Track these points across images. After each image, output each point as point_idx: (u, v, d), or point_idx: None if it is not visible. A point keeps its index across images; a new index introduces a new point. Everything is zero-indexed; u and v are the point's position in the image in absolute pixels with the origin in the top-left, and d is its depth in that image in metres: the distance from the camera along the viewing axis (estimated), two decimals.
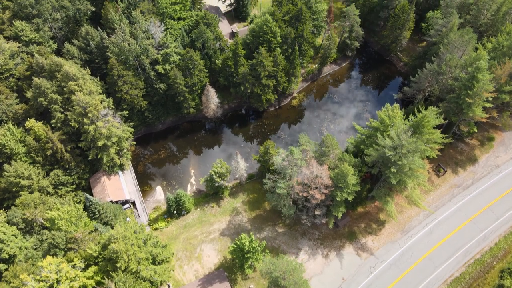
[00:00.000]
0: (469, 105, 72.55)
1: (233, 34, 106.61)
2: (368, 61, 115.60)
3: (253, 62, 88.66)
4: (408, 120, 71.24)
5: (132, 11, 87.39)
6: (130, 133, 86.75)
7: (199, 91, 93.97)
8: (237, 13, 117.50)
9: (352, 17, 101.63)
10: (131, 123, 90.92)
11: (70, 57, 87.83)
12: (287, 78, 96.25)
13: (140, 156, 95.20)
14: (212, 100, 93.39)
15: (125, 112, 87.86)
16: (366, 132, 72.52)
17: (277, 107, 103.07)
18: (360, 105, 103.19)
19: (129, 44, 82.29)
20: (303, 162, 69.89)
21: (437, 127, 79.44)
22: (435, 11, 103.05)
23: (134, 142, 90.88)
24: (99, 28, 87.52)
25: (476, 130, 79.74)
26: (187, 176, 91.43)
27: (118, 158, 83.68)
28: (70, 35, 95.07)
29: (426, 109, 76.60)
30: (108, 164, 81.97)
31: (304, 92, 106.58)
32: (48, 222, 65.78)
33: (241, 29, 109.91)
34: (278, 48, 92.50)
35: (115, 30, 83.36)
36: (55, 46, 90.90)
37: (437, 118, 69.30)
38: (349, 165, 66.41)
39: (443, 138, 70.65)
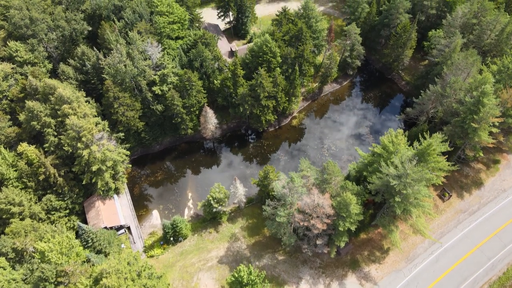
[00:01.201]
0: (474, 129, 70.41)
1: (232, 53, 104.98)
2: (369, 79, 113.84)
3: (253, 83, 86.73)
4: (412, 147, 69.02)
5: (129, 32, 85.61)
6: (126, 155, 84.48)
7: (197, 112, 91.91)
8: (236, 31, 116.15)
9: (353, 35, 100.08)
10: (127, 145, 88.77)
11: (65, 77, 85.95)
12: (287, 98, 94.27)
13: (136, 178, 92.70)
14: (210, 121, 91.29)
15: (121, 134, 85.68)
16: (369, 158, 70.17)
17: (277, 127, 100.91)
18: (362, 125, 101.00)
19: (125, 66, 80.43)
20: (304, 190, 67.45)
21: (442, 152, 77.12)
22: (437, 30, 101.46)
23: (130, 165, 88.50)
24: (95, 49, 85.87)
25: (482, 155, 77.39)
26: (185, 200, 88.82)
27: (113, 182, 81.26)
28: (66, 55, 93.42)
29: (430, 135, 74.47)
30: (102, 189, 79.47)
31: (304, 111, 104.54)
32: (38, 254, 63.02)
33: (240, 47, 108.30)
34: (278, 68, 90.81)
35: (111, 51, 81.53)
36: (50, 66, 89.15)
37: (443, 145, 66.83)
38: (351, 194, 63.94)
39: (449, 165, 68.22)
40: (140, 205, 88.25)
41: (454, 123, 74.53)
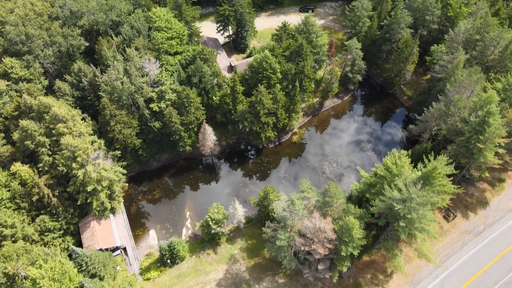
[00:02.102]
0: (480, 150, 68.61)
1: (231, 68, 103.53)
2: (370, 94, 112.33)
3: (252, 99, 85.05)
4: (416, 168, 67.17)
5: (127, 48, 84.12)
6: (123, 174, 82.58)
7: (195, 129, 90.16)
8: (236, 45, 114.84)
9: (354, 51, 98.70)
10: (124, 163, 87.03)
11: (61, 94, 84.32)
12: (288, 114, 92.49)
13: (133, 197, 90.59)
14: (209, 138, 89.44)
15: (118, 152, 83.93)
16: (372, 180, 68.18)
17: (277, 143, 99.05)
18: (364, 141, 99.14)
19: (122, 83, 78.79)
20: (305, 212, 65.40)
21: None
22: (439, 45, 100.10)
23: (126, 184, 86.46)
24: (91, 65, 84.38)
25: (487, 175, 75.38)
26: (183, 219, 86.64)
27: (109, 202, 79.21)
28: (63, 70, 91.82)
29: (434, 154, 72.78)
30: (98, 209, 77.36)
31: (305, 127, 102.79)
32: (29, 281, 60.74)
33: (239, 61, 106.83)
34: (278, 85, 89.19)
35: (108, 68, 79.94)
36: (46, 82, 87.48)
37: (448, 167, 64.85)
38: (354, 217, 61.87)
39: (455, 188, 66.23)
40: (137, 225, 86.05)
41: (458, 143, 72.72)
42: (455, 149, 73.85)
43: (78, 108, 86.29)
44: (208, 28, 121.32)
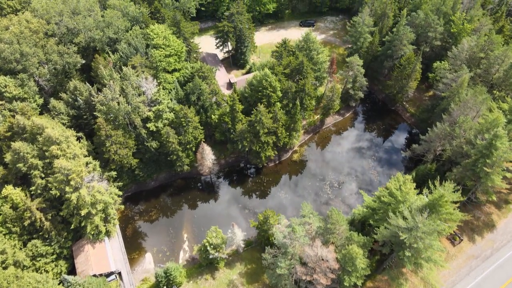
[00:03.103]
0: (487, 173, 66.33)
1: (230, 84, 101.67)
2: (372, 110, 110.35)
3: (252, 119, 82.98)
4: (422, 193, 64.88)
5: (123, 66, 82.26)
6: (118, 196, 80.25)
7: (193, 149, 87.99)
8: (235, 60, 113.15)
9: (355, 67, 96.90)
10: (119, 183, 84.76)
11: (56, 113, 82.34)
12: (288, 133, 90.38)
13: (130, 217, 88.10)
14: (208, 158, 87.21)
15: (113, 173, 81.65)
16: (376, 205, 65.76)
17: (277, 162, 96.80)
18: (366, 160, 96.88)
19: (118, 103, 76.82)
20: (306, 239, 62.94)
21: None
22: (442, 62, 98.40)
23: (122, 206, 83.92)
24: (87, 84, 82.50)
25: (494, 199, 72.99)
26: (180, 242, 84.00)
27: (104, 225, 76.64)
28: (58, 87, 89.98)
29: (439, 176, 70.57)
30: (92, 232, 74.85)
31: (305, 145, 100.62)
32: None
33: (239, 78, 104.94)
34: (278, 103, 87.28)
35: (104, 88, 78.04)
36: (41, 101, 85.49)
37: (455, 193, 62.49)
38: (357, 246, 59.39)
39: (463, 215, 63.80)
40: (133, 247, 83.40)
41: (464, 166, 70.45)
42: (461, 171, 71.58)
43: (73, 126, 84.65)
44: (207, 43, 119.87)
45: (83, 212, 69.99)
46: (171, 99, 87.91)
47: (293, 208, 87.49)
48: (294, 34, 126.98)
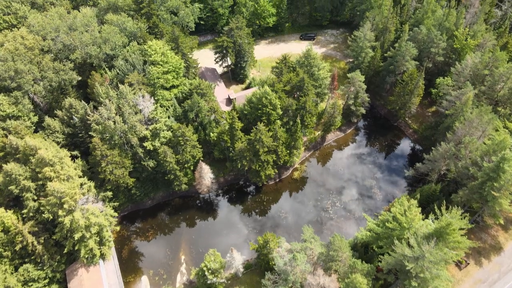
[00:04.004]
0: (494, 197, 64.10)
1: (230, 100, 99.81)
2: (374, 126, 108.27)
3: (251, 137, 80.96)
4: (428, 218, 62.64)
5: (120, 84, 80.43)
6: (114, 217, 78.00)
7: (191, 167, 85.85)
8: (235, 75, 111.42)
9: (357, 83, 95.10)
10: (115, 203, 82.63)
11: (51, 132, 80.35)
12: (288, 151, 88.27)
13: (126, 238, 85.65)
14: (206, 177, 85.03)
15: (109, 193, 79.49)
16: (380, 231, 63.42)
17: (278, 180, 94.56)
18: (368, 177, 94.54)
19: (114, 122, 74.87)
20: (308, 266, 60.54)
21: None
22: (445, 78, 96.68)
23: (118, 228, 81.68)
24: (83, 102, 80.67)
25: (502, 222, 70.65)
26: (177, 264, 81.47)
27: (99, 248, 74.25)
28: (54, 104, 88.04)
29: (445, 198, 68.45)
30: (86, 256, 72.33)
31: (306, 162, 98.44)
32: None
33: (238, 93, 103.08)
34: (278, 121, 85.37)
35: (99, 107, 76.13)
36: (35, 119, 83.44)
37: (462, 220, 60.18)
38: (361, 275, 56.97)
39: (471, 243, 61.50)
40: (129, 270, 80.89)
41: (471, 188, 68.22)
42: (467, 194, 69.33)
43: (69, 145, 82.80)
44: (207, 57, 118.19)
45: (76, 236, 67.64)
46: (168, 117, 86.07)
47: (293, 228, 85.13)
48: (294, 47, 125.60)
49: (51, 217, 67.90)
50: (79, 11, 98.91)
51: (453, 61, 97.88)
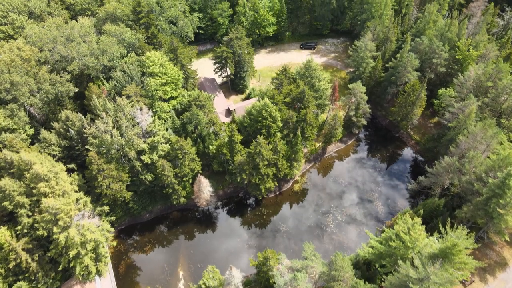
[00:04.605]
0: (500, 214, 62.48)
1: (229, 111, 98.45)
2: (375, 137, 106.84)
3: (251, 151, 79.47)
4: (432, 235, 60.99)
5: (117, 96, 79.08)
6: (111, 232, 76.29)
7: (190, 181, 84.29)
8: (234, 85, 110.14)
9: (358, 95, 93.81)
10: (112, 217, 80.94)
11: (47, 144, 78.90)
12: (289, 164, 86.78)
13: (123, 253, 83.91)
14: (205, 190, 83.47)
15: (106, 208, 77.88)
16: (383, 249, 61.72)
17: (278, 193, 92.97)
18: (370, 190, 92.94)
19: (111, 136, 73.44)
20: (310, 286, 58.83)
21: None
22: (448, 89, 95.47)
23: (115, 243, 79.91)
24: (79, 114, 79.30)
25: (508, 239, 69.00)
26: (175, 280, 79.64)
27: (94, 265, 72.47)
28: (51, 115, 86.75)
29: (449, 214, 66.86)
30: (82, 273, 70.60)
31: (307, 175, 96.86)
32: None
33: (238, 104, 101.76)
34: (278, 133, 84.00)
35: (96, 121, 74.76)
36: (31, 131, 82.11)
37: (469, 240, 58.56)
38: None
39: (477, 262, 59.83)
40: (126, 286, 79.10)
41: (475, 204, 66.59)
42: (471, 210, 67.69)
43: (65, 158, 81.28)
44: (206, 66, 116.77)
45: (72, 253, 65.96)
46: (167, 129, 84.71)
47: (294, 244, 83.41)
48: (294, 56, 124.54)
49: (46, 234, 66.31)
50: (77, 21, 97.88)
51: (455, 72, 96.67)
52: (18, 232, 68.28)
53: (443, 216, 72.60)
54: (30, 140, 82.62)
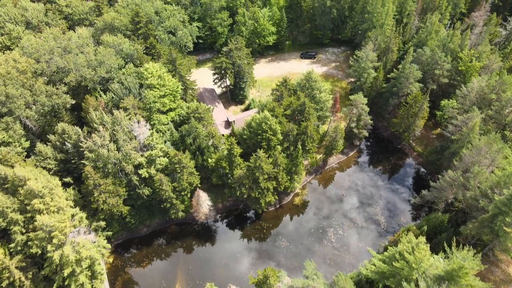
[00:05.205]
0: (506, 232, 60.74)
1: (228, 123, 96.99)
2: (377, 148, 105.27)
3: (250, 164, 77.89)
4: (437, 254, 59.27)
5: (114, 109, 77.65)
6: (107, 248, 74.53)
7: (188, 195, 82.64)
8: (234, 96, 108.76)
9: (359, 106, 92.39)
10: (109, 232, 79.18)
11: (42, 158, 77.35)
12: (289, 177, 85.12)
13: (119, 269, 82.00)
14: (204, 204, 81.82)
15: (102, 223, 76.06)
16: (386, 269, 59.89)
17: (278, 206, 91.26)
18: (371, 203, 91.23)
19: (108, 150, 71.91)
20: None
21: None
22: (450, 100, 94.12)
23: (111, 259, 78.21)
24: (76, 128, 77.82)
25: None
26: None
27: (90, 283, 70.63)
28: (47, 127, 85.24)
29: (453, 229, 65.22)
30: None
31: (308, 187, 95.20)
32: None
33: (237, 115, 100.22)
34: (278, 146, 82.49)
35: (93, 134, 73.23)
36: (27, 144, 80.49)
37: (476, 261, 56.83)
38: None
39: (483, 284, 58.01)
40: None
41: (481, 221, 64.85)
42: (476, 227, 65.94)
43: (61, 171, 79.71)
44: (205, 75, 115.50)
45: (66, 272, 64.23)
46: (165, 141, 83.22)
47: (295, 260, 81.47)
48: (294, 66, 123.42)
49: (40, 252, 64.60)
50: (74, 31, 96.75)
51: (458, 83, 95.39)
52: (11, 250, 66.51)
53: (448, 232, 70.99)
54: (26, 153, 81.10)
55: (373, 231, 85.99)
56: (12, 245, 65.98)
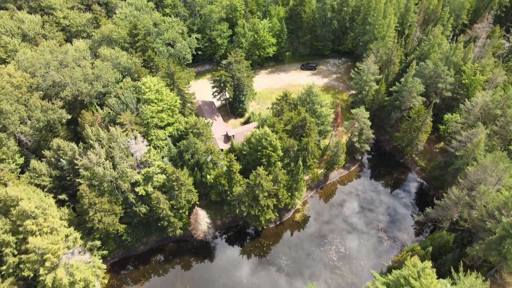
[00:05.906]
0: None
1: (228, 137, 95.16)
2: (379, 163, 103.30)
3: (250, 182, 75.92)
4: (443, 277, 57.17)
5: (111, 126, 75.88)
6: (102, 268, 72.39)
7: (186, 212, 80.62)
8: (233, 109, 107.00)
9: (361, 120, 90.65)
10: (104, 251, 77.13)
11: (37, 175, 75.46)
12: (290, 193, 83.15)
13: None
14: (202, 222, 79.84)
15: (97, 243, 74.04)
16: None
17: (278, 223, 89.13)
18: (373, 220, 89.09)
19: (104, 168, 70.00)
20: None
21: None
22: (454, 114, 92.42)
23: (106, 280, 75.97)
24: (71, 144, 75.98)
25: None
26: None
27: None
28: (42, 143, 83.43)
29: (458, 249, 63.07)
30: None
31: (309, 203, 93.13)
32: None
33: (237, 129, 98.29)
34: (278, 163, 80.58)
35: (88, 151, 71.38)
36: (21, 160, 78.74)
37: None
38: None
39: None
40: None
41: (488, 243, 62.79)
42: (483, 248, 63.84)
43: (56, 188, 77.77)
44: (204, 87, 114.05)
45: None
46: (163, 157, 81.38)
47: (296, 280, 79.23)
48: (295, 77, 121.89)
49: (32, 275, 62.50)
50: (71, 43, 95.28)
51: (461, 96, 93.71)
52: (3, 272, 64.46)
53: (453, 253, 68.91)
54: (20, 169, 79.27)
55: (375, 248, 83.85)
56: (4, 267, 63.98)
